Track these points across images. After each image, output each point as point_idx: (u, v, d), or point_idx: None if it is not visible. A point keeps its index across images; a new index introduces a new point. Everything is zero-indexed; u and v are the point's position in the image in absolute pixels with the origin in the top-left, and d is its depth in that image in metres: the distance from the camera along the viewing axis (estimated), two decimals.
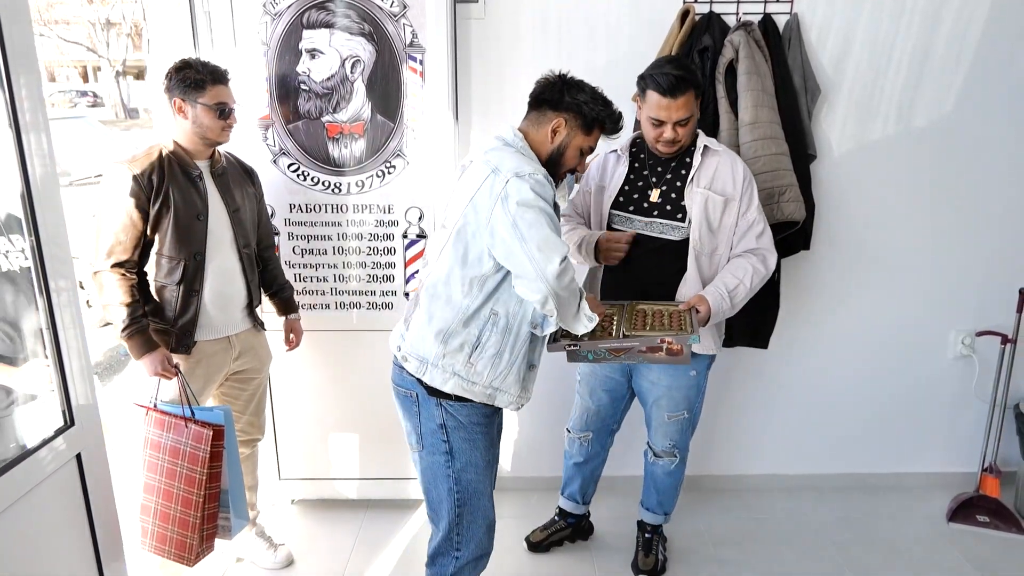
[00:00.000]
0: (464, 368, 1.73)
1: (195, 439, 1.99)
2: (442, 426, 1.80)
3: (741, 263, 2.14)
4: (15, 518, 1.37)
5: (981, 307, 2.86)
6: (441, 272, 1.73)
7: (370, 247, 2.63)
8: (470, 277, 1.69)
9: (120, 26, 21.68)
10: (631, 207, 2.20)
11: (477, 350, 1.72)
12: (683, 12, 2.46)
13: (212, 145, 2.13)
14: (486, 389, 1.75)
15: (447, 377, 1.73)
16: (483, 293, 1.70)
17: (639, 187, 2.21)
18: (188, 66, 2.05)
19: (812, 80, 2.55)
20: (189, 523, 2.02)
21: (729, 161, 2.15)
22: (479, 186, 1.66)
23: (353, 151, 2.54)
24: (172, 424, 2.02)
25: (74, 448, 1.53)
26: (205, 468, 1.99)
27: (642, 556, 2.50)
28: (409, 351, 1.78)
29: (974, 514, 2.80)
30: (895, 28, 2.55)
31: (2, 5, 1.29)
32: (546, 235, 1.60)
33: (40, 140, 1.40)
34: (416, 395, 1.81)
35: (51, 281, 1.44)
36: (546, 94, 1.77)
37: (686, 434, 2.37)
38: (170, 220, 2.02)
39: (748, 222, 2.15)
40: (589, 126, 1.77)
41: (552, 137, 1.77)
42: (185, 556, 2.06)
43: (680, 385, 2.25)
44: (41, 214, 1.41)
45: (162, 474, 2.04)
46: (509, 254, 1.63)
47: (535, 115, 1.80)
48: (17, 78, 1.34)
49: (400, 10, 2.42)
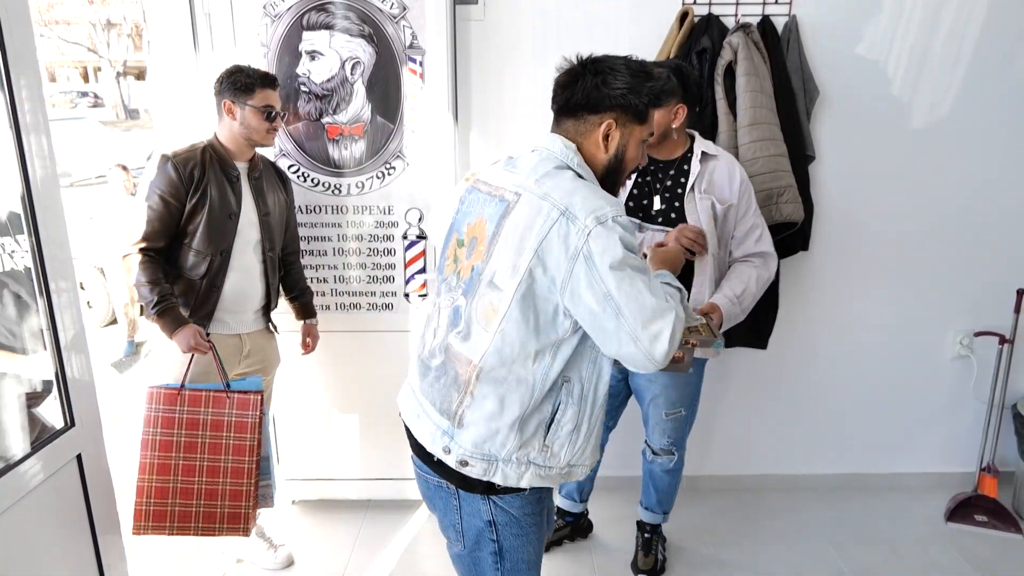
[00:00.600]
0: (540, 454, 1.39)
1: (240, 407, 2.05)
2: (491, 523, 1.46)
3: (745, 268, 2.15)
4: (16, 519, 1.37)
5: (979, 307, 2.87)
6: (505, 348, 1.33)
7: (370, 248, 2.64)
8: (543, 346, 1.34)
9: (121, 27, 21.69)
10: (640, 213, 2.19)
11: (552, 429, 1.39)
12: (682, 14, 2.47)
13: (255, 147, 2.22)
14: (562, 470, 1.42)
15: (523, 471, 1.39)
16: (558, 361, 1.35)
17: (645, 193, 2.21)
18: (239, 70, 2.12)
19: (811, 81, 2.56)
20: (242, 492, 2.07)
21: (726, 166, 2.14)
22: (542, 233, 1.28)
23: (353, 152, 2.55)
24: (211, 398, 2.05)
25: (74, 449, 1.53)
26: (255, 433, 2.05)
27: (641, 556, 2.50)
28: (470, 453, 1.38)
29: (972, 514, 2.80)
30: (893, 29, 2.56)
31: (3, 6, 1.30)
32: (649, 305, 1.25)
33: (40, 141, 1.40)
34: (455, 487, 1.46)
35: (51, 282, 1.44)
36: (578, 97, 1.38)
37: (684, 431, 2.38)
38: (204, 215, 2.08)
39: (747, 226, 2.15)
40: (643, 114, 1.40)
41: (606, 145, 1.40)
42: (240, 527, 2.10)
43: (677, 383, 2.26)
44: (42, 215, 1.41)
45: (203, 451, 2.06)
46: (601, 330, 1.29)
47: (572, 123, 1.41)
48: (18, 79, 1.34)
49: (400, 12, 2.43)
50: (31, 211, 1.40)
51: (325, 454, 2.83)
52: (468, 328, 1.37)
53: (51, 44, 21.93)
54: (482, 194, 1.43)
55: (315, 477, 2.87)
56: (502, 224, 1.33)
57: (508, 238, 1.32)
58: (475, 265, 1.37)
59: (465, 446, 1.38)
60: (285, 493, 2.89)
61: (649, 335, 1.25)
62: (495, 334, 1.33)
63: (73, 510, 1.56)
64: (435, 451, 1.42)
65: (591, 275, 1.25)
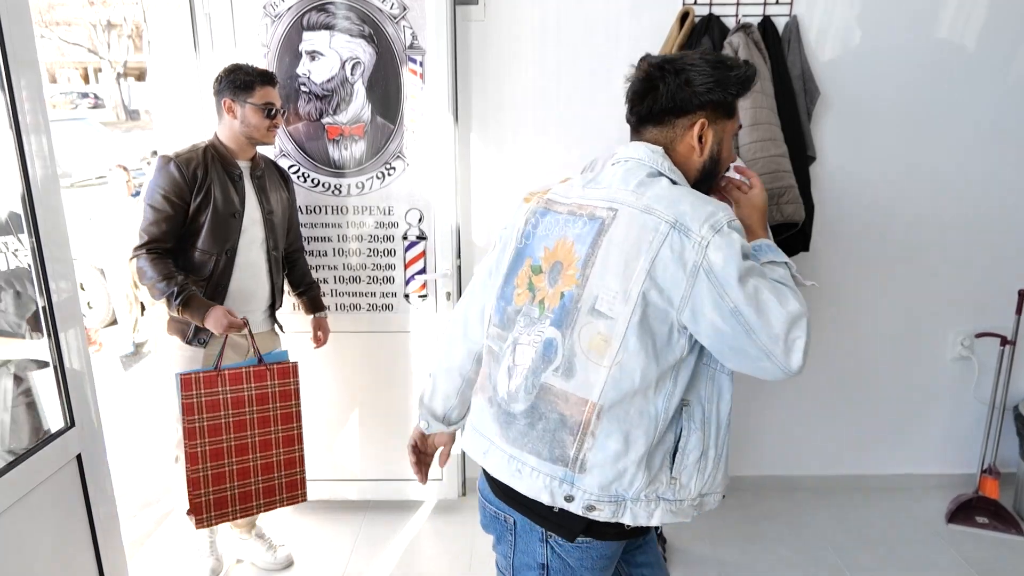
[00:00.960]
0: (669, 488, 1.27)
1: (281, 375, 2.10)
2: (544, 567, 1.36)
3: None
4: (15, 519, 1.37)
5: (980, 308, 2.86)
6: (624, 381, 1.20)
7: (370, 248, 2.64)
8: (663, 371, 1.22)
9: (121, 28, 21.70)
10: None
11: (678, 460, 1.27)
12: (683, 14, 2.47)
13: (257, 145, 2.21)
14: (694, 502, 1.31)
15: (652, 508, 1.27)
16: (679, 386, 1.24)
17: None
18: (238, 69, 2.12)
19: (811, 82, 2.55)
20: (295, 459, 2.14)
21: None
22: (653, 250, 1.17)
23: (353, 153, 2.54)
24: (251, 374, 2.07)
25: (74, 449, 1.53)
26: (298, 399, 2.14)
27: None
28: (597, 497, 1.25)
29: (973, 515, 2.80)
30: (893, 29, 2.56)
31: (4, 6, 1.30)
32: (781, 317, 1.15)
33: (41, 141, 1.40)
34: (513, 522, 1.37)
35: (51, 282, 1.44)
36: (663, 101, 1.29)
37: None
38: (208, 215, 2.07)
39: None
40: (731, 107, 1.32)
41: (700, 147, 1.31)
42: (299, 493, 2.17)
43: None
44: (42, 215, 1.41)
45: (253, 427, 2.08)
46: (729, 348, 1.19)
47: (658, 130, 1.32)
48: (18, 79, 1.34)
49: (400, 12, 2.42)
50: (31, 211, 1.40)
51: (325, 455, 2.83)
52: (571, 363, 1.23)
53: (52, 45, 21.94)
54: (560, 214, 1.31)
55: (315, 478, 2.86)
56: (598, 244, 1.22)
57: (609, 259, 1.20)
58: (565, 292, 1.24)
59: (591, 491, 1.25)
60: None
61: (783, 347, 1.16)
62: (611, 367, 1.20)
63: (73, 510, 1.56)
64: (556, 503, 1.27)
65: (715, 291, 1.15)
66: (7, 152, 1.36)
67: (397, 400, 2.75)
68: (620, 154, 1.33)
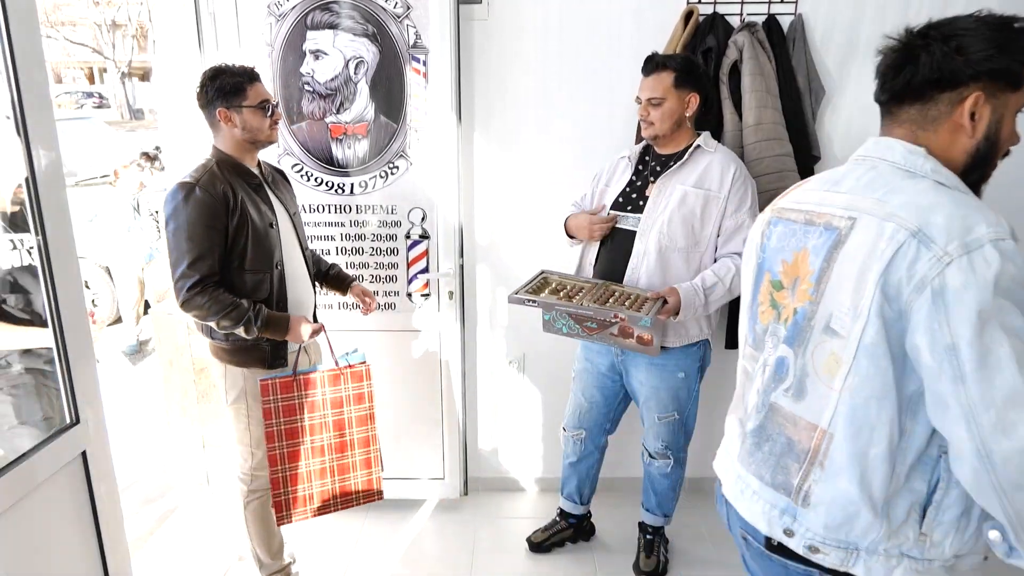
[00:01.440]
0: (916, 546, 1.09)
1: (355, 379, 2.13)
2: None
3: (725, 263, 2.12)
4: (20, 515, 1.38)
5: None
6: (858, 409, 1.06)
7: (373, 248, 2.64)
8: (904, 403, 1.05)
9: (126, 28, 21.77)
10: (629, 207, 2.22)
11: (930, 515, 1.08)
12: (687, 13, 2.46)
13: (262, 147, 2.06)
14: (946, 563, 1.10)
15: (893, 565, 1.10)
16: (924, 423, 1.05)
17: (638, 188, 2.23)
18: (221, 72, 1.94)
19: (816, 81, 2.55)
20: (370, 460, 2.18)
21: (721, 160, 2.14)
22: (885, 259, 1.01)
23: (356, 152, 2.55)
24: (326, 378, 2.09)
25: (79, 446, 1.54)
26: (372, 402, 2.16)
27: (643, 557, 2.50)
28: (822, 538, 1.13)
29: None
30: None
31: (10, 7, 1.31)
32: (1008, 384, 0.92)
33: (47, 141, 1.41)
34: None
35: (56, 280, 1.45)
36: (925, 72, 1.11)
37: (678, 437, 2.36)
38: (248, 232, 1.94)
39: (736, 223, 2.12)
40: (1018, 77, 1.07)
41: (972, 127, 1.10)
42: (375, 492, 2.20)
43: (668, 386, 2.26)
44: (47, 213, 1.42)
45: (329, 430, 2.11)
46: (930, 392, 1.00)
47: (916, 110, 1.13)
48: (25, 79, 1.35)
49: (404, 11, 2.43)
50: (37, 210, 1.40)
51: None
52: (802, 384, 1.13)
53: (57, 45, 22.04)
54: (796, 223, 1.19)
55: None
56: (833, 257, 1.08)
57: (844, 272, 1.06)
58: (798, 308, 1.14)
59: (815, 529, 1.13)
60: None
61: (994, 422, 0.92)
62: (842, 391, 1.07)
63: (78, 507, 1.57)
64: (773, 534, 1.18)
65: (935, 316, 0.96)
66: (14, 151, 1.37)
67: (399, 399, 2.75)
68: (867, 151, 1.17)
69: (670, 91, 2.08)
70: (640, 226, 2.15)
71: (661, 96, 2.07)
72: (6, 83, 1.33)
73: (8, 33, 1.31)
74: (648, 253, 2.14)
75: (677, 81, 2.07)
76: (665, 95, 2.08)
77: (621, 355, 2.31)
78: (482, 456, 2.99)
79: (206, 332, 2.05)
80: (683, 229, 2.12)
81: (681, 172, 2.14)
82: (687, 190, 2.11)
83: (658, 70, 2.08)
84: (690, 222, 2.11)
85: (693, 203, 2.11)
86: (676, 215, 2.10)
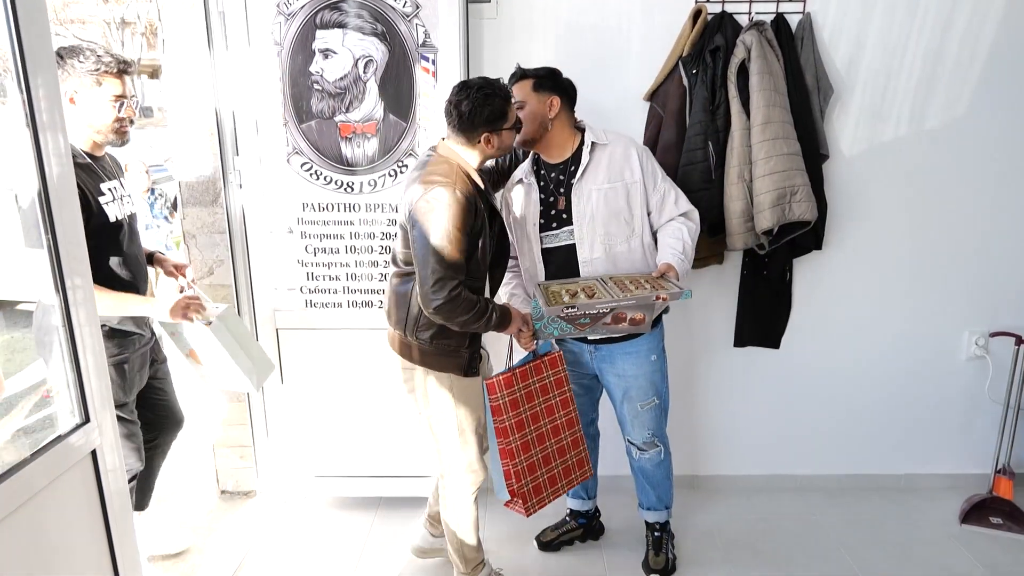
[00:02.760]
0: None
1: (551, 366, 2.22)
2: None
3: (674, 226, 2.20)
4: (30, 515, 1.38)
5: (995, 308, 2.84)
6: None
7: (382, 246, 2.64)
8: None
9: (135, 25, 21.82)
10: (555, 223, 2.23)
11: None
12: (695, 11, 2.46)
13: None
14: None
15: None
16: None
17: (550, 203, 2.24)
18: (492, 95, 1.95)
19: (824, 80, 2.54)
20: (579, 438, 2.27)
21: (622, 148, 2.19)
22: None
23: (366, 151, 2.55)
24: (532, 369, 2.18)
25: (89, 445, 1.54)
26: (569, 384, 2.26)
27: (652, 555, 2.50)
28: None
29: (987, 516, 2.78)
30: (908, 28, 2.54)
31: (20, 4, 1.31)
32: None
33: (57, 139, 1.41)
34: None
35: (67, 278, 1.45)
36: None
37: (661, 421, 2.40)
38: (485, 237, 2.00)
39: (660, 195, 2.20)
40: None
41: None
42: (586, 468, 2.30)
43: (644, 372, 2.30)
44: (58, 212, 1.42)
45: (544, 417, 2.20)
46: None
47: None
48: (34, 77, 1.35)
49: (413, 10, 2.43)
50: (47, 208, 1.40)
51: (337, 451, 2.84)
52: None
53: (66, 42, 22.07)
54: None
55: (326, 474, 2.88)
56: None
57: None
58: None
59: None
60: (301, 490, 2.90)
61: None
62: None
63: (88, 507, 1.57)
64: None
65: None
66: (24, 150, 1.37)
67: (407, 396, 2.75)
68: None
69: (530, 95, 2.14)
70: (576, 237, 2.20)
71: (522, 100, 2.13)
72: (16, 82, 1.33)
73: (18, 31, 1.31)
74: (595, 258, 2.20)
75: (536, 85, 2.14)
76: (526, 99, 2.13)
77: (595, 352, 2.34)
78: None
79: (411, 333, 2.08)
80: (617, 224, 2.18)
81: (588, 175, 2.17)
82: (604, 188, 2.16)
83: (519, 80, 2.17)
84: (621, 215, 2.17)
85: (615, 198, 2.16)
86: (606, 215, 2.16)
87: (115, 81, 2.01)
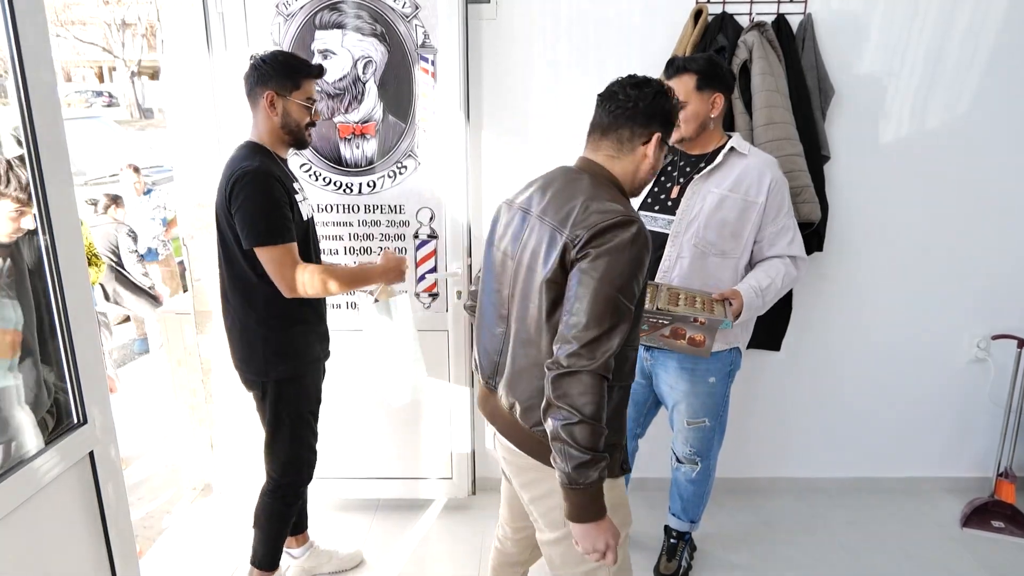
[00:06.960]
0: None
1: None
2: None
3: (775, 264, 2.11)
4: (27, 516, 1.38)
5: (996, 310, 2.83)
6: None
7: (381, 247, 2.63)
8: None
9: (135, 27, 21.86)
10: (656, 207, 2.17)
11: None
12: (696, 12, 2.45)
13: None
14: None
15: None
16: None
17: (665, 187, 2.18)
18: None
19: (826, 81, 2.53)
20: None
21: (759, 165, 2.08)
22: None
23: (365, 152, 2.54)
24: None
25: (86, 446, 1.53)
26: None
27: (664, 560, 2.48)
28: None
29: (989, 519, 2.77)
30: (909, 29, 2.53)
31: (19, 6, 1.30)
32: None
33: (56, 139, 1.41)
34: None
35: (64, 279, 1.45)
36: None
37: (708, 443, 2.30)
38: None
39: (778, 227, 2.10)
40: None
41: None
42: None
43: (698, 392, 2.20)
44: (55, 213, 1.42)
45: None
46: None
47: None
48: (33, 78, 1.35)
49: (412, 11, 2.42)
50: (45, 209, 1.40)
51: (335, 453, 2.83)
52: None
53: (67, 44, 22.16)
54: None
55: (325, 476, 2.87)
56: None
57: None
58: None
59: None
60: None
61: None
62: None
63: (85, 508, 1.57)
64: None
65: None
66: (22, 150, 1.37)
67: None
68: None
69: (692, 94, 2.03)
70: (672, 228, 2.10)
71: (684, 99, 2.01)
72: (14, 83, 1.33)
73: (16, 33, 1.31)
74: (682, 257, 2.10)
75: (700, 83, 2.03)
76: (688, 98, 2.03)
77: (651, 359, 2.25)
78: (490, 456, 2.98)
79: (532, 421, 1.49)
80: (719, 234, 2.07)
81: (715, 175, 2.08)
82: (724, 194, 2.06)
83: (676, 74, 2.04)
84: (727, 227, 2.07)
85: (730, 208, 2.06)
86: (712, 219, 2.06)
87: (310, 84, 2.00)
